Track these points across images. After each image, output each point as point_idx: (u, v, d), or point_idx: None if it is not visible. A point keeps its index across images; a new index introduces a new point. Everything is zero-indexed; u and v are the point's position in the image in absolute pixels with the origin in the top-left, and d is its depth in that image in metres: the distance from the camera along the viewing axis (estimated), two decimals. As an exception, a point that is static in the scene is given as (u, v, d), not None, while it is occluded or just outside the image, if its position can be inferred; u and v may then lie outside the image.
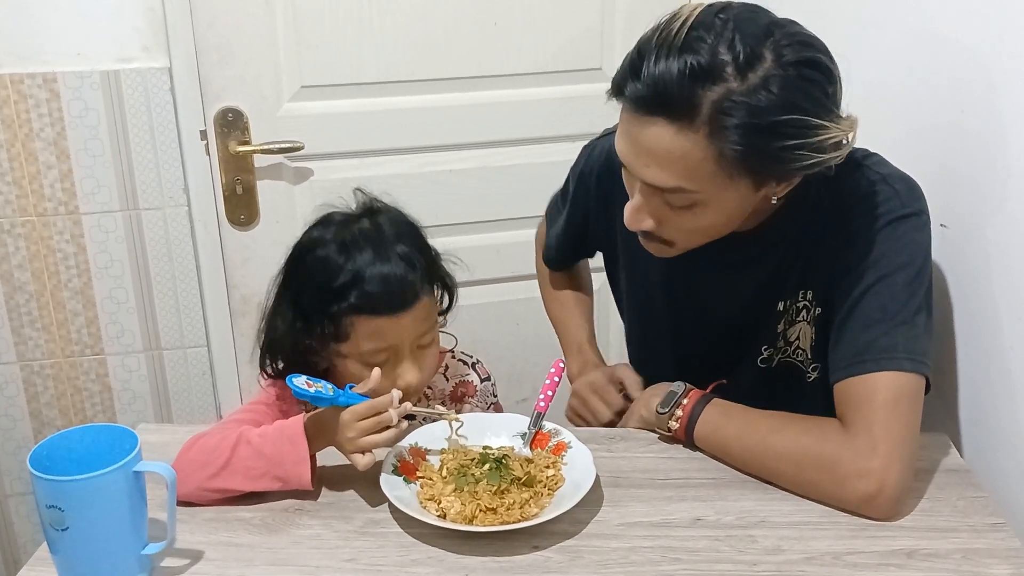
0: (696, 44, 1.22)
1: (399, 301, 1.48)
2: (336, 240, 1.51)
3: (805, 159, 1.25)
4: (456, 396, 1.72)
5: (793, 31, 1.27)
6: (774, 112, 1.22)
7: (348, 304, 1.47)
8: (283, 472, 1.41)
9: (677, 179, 1.29)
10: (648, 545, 1.33)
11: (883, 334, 1.38)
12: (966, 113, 1.56)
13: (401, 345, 1.51)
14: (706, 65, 1.22)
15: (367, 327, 1.48)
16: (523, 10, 2.41)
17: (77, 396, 2.50)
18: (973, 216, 1.56)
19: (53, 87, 2.23)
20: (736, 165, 1.27)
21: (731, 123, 1.23)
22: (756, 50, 1.22)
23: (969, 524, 1.36)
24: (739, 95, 1.22)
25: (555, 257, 1.96)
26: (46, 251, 2.35)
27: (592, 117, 2.44)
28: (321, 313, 1.49)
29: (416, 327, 1.52)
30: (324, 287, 1.48)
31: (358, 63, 2.37)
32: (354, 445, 1.38)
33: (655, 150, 1.28)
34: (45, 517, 1.21)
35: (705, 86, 1.22)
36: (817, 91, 1.25)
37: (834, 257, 1.45)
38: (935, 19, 1.65)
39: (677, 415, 1.52)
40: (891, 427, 1.34)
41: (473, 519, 1.34)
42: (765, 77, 1.22)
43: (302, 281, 1.53)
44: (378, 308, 1.47)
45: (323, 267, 1.50)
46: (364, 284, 1.47)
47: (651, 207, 1.38)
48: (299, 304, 1.53)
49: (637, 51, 1.28)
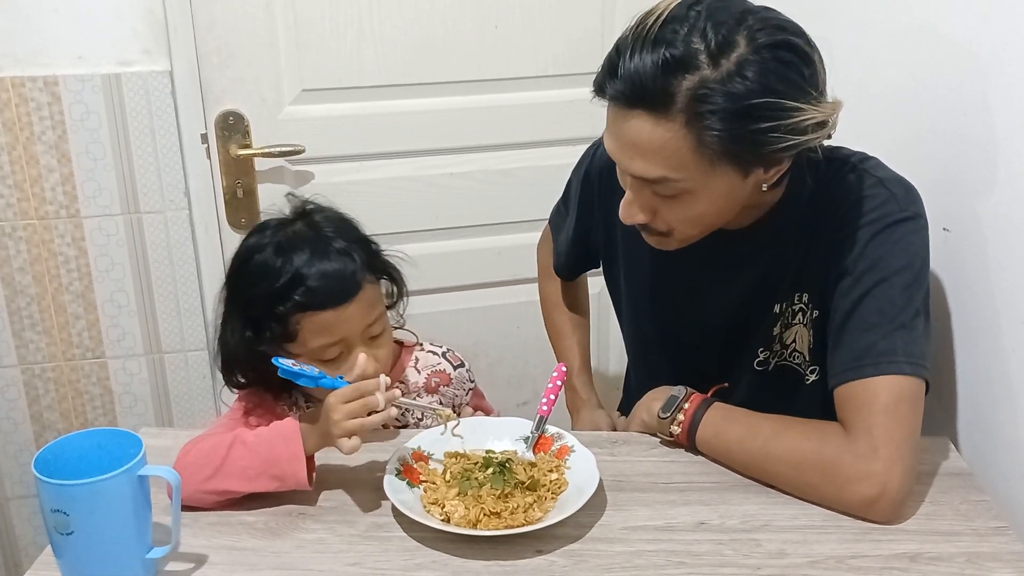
0: (670, 36, 1.25)
1: (341, 293, 1.51)
2: (273, 243, 1.55)
3: (784, 141, 1.27)
4: (431, 387, 1.72)
5: (767, 15, 1.28)
6: (749, 96, 1.24)
7: (292, 303, 1.50)
8: (279, 471, 1.41)
9: (661, 169, 1.31)
10: (652, 549, 1.33)
11: (882, 338, 1.38)
12: (967, 116, 1.56)
13: (351, 337, 1.54)
14: (679, 56, 1.24)
15: (313, 323, 1.51)
16: (523, 13, 2.41)
17: (78, 399, 2.49)
18: (973, 220, 1.56)
19: (54, 90, 2.23)
20: (716, 151, 1.28)
21: (706, 110, 1.24)
22: (728, 37, 1.24)
23: (972, 528, 1.37)
24: (713, 82, 1.24)
25: (566, 263, 1.95)
26: (47, 254, 2.35)
27: (592, 120, 2.40)
28: (268, 317, 1.52)
29: (363, 317, 1.54)
30: (267, 291, 1.51)
31: (359, 66, 2.37)
32: (340, 428, 1.37)
33: (638, 142, 1.31)
34: (50, 521, 1.21)
35: (679, 76, 1.24)
36: (792, 73, 1.26)
37: (830, 260, 1.45)
38: (936, 23, 1.65)
39: (679, 419, 1.52)
40: (892, 430, 1.35)
41: (477, 523, 1.34)
42: (739, 62, 1.24)
43: (245, 289, 1.56)
44: (321, 303, 1.50)
45: (263, 272, 1.52)
46: (305, 281, 1.50)
47: (642, 200, 1.40)
48: (246, 313, 1.55)
49: (615, 49, 1.31)
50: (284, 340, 1.52)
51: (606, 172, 1.69)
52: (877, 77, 1.79)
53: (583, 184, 1.78)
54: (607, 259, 1.79)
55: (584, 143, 1.82)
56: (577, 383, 1.94)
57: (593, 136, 1.86)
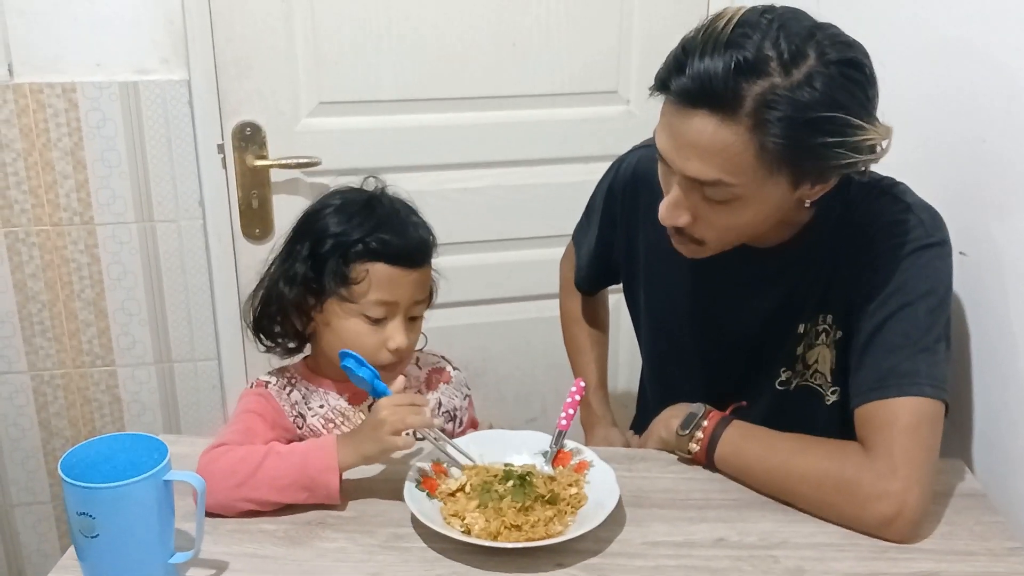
0: (742, 40, 1.25)
1: (414, 257, 1.57)
2: (355, 198, 1.60)
3: (843, 158, 1.28)
4: (430, 383, 1.73)
5: (835, 32, 1.30)
6: (816, 108, 1.24)
7: (370, 250, 1.53)
8: (310, 481, 1.41)
9: (718, 171, 1.31)
10: (672, 564, 1.34)
11: (905, 360, 1.39)
12: (986, 142, 1.57)
13: (402, 303, 1.57)
14: (752, 60, 1.25)
15: (379, 275, 1.54)
16: (541, 32, 2.43)
17: (87, 407, 2.49)
18: (989, 243, 1.57)
19: (72, 97, 2.24)
20: (776, 159, 1.29)
21: (774, 116, 1.25)
22: (800, 48, 1.25)
23: (988, 548, 1.37)
24: (783, 89, 1.24)
25: (587, 276, 1.96)
26: (60, 261, 2.36)
27: (607, 139, 2.47)
28: (338, 254, 1.54)
29: (417, 291, 1.59)
30: (349, 230, 1.54)
31: (376, 80, 2.39)
32: (391, 425, 1.40)
33: (697, 142, 1.31)
34: (75, 524, 1.22)
35: (750, 80, 1.25)
36: (858, 91, 1.28)
37: (857, 281, 1.46)
38: (956, 39, 1.66)
39: (697, 437, 1.53)
40: (911, 451, 1.35)
41: (498, 536, 1.34)
42: (809, 74, 1.25)
43: (325, 225, 1.57)
44: (395, 258, 1.54)
45: (346, 217, 1.57)
46: (386, 232, 1.55)
47: (689, 202, 1.39)
48: (315, 249, 1.57)
49: (682, 48, 1.30)
50: (343, 283, 1.54)
51: (630, 187, 1.70)
52: (892, 98, 1.80)
53: (606, 198, 1.79)
54: (628, 274, 1.80)
55: (599, 161, 1.83)
56: (593, 400, 1.95)
57: (607, 154, 1.88)
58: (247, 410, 1.58)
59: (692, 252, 1.48)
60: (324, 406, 1.61)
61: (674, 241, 1.48)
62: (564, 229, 2.03)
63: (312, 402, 1.61)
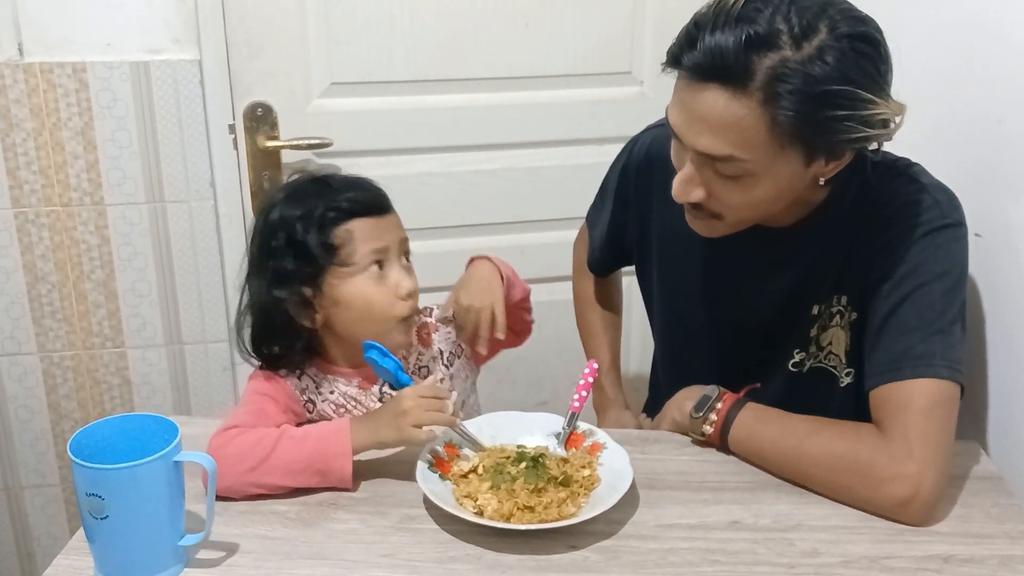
0: (753, 14, 1.25)
1: (383, 203, 1.60)
2: (299, 183, 1.62)
3: (854, 131, 1.27)
4: (422, 339, 1.71)
5: (848, 7, 1.30)
6: (827, 81, 1.24)
7: (342, 210, 1.54)
8: (324, 465, 1.41)
9: (730, 146, 1.31)
10: (686, 547, 1.33)
11: (920, 341, 1.38)
12: (1003, 123, 1.56)
13: (391, 248, 1.57)
14: (763, 33, 1.24)
15: (363, 228, 1.55)
16: (554, 12, 2.41)
17: (96, 389, 2.49)
18: (1004, 225, 1.56)
19: (82, 77, 2.23)
20: (788, 133, 1.28)
21: (785, 89, 1.25)
22: (811, 22, 1.25)
23: (1004, 530, 1.37)
24: (794, 63, 1.24)
25: (600, 258, 1.94)
26: (70, 242, 2.35)
27: (620, 120, 2.44)
28: (316, 229, 1.54)
29: (400, 231, 1.60)
30: (311, 208, 1.55)
31: (388, 61, 2.37)
32: (415, 417, 1.40)
33: (708, 116, 1.30)
34: (84, 505, 1.21)
35: (761, 53, 1.25)
36: (869, 66, 1.27)
37: (871, 263, 1.45)
38: (974, 17, 1.65)
39: (711, 419, 1.52)
40: (927, 433, 1.35)
41: (510, 517, 1.34)
42: (820, 47, 1.24)
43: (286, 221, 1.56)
44: (369, 208, 1.56)
45: (301, 198, 1.57)
46: (350, 192, 1.57)
47: (702, 178, 1.38)
48: (290, 241, 1.55)
49: (693, 23, 1.30)
50: (332, 252, 1.53)
51: (644, 168, 1.69)
52: (908, 77, 1.78)
53: (620, 179, 1.78)
54: (640, 255, 1.79)
55: (611, 142, 1.81)
56: (605, 382, 1.94)
57: (620, 136, 1.86)
58: (259, 392, 1.57)
59: (709, 229, 1.47)
60: (335, 392, 1.60)
61: (689, 218, 1.47)
62: (577, 211, 2.02)
63: (322, 388, 1.60)
